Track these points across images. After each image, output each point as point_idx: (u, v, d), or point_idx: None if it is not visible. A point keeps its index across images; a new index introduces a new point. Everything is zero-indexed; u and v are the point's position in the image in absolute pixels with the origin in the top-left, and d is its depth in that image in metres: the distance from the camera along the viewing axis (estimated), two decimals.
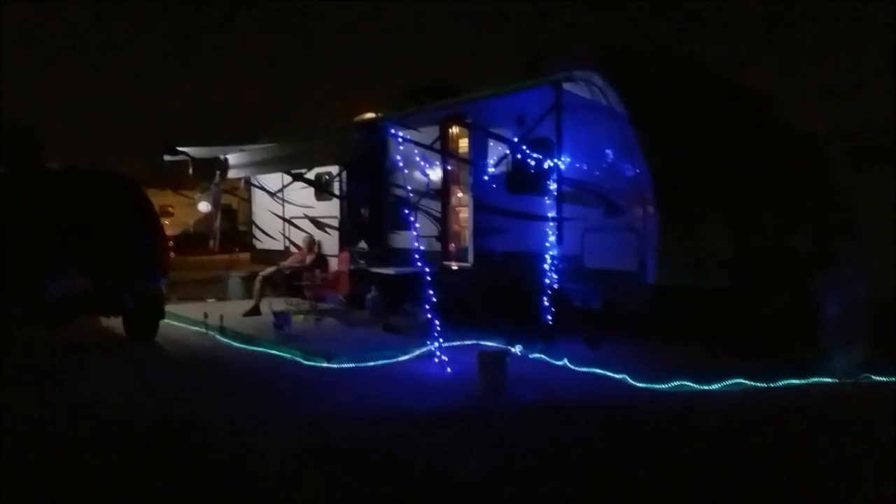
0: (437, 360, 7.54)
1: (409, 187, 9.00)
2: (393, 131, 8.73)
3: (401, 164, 9.42)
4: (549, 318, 8.29)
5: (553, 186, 8.52)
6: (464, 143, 10.39)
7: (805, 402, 6.34)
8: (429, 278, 7.83)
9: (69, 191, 8.93)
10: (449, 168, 10.46)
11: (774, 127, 8.90)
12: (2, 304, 8.00)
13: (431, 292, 7.78)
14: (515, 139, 8.74)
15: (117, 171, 10.18)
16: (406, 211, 8.52)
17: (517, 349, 8.00)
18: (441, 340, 7.65)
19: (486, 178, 9.25)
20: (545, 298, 8.31)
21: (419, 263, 7.90)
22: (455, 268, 10.09)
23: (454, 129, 10.37)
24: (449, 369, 7.37)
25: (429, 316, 7.76)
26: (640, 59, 9.03)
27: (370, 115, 12.37)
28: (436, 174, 10.41)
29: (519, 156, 8.68)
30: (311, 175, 11.72)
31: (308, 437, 5.46)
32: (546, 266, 8.38)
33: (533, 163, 8.52)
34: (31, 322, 8.44)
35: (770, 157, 8.41)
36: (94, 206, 8.79)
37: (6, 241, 8.18)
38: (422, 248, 8.10)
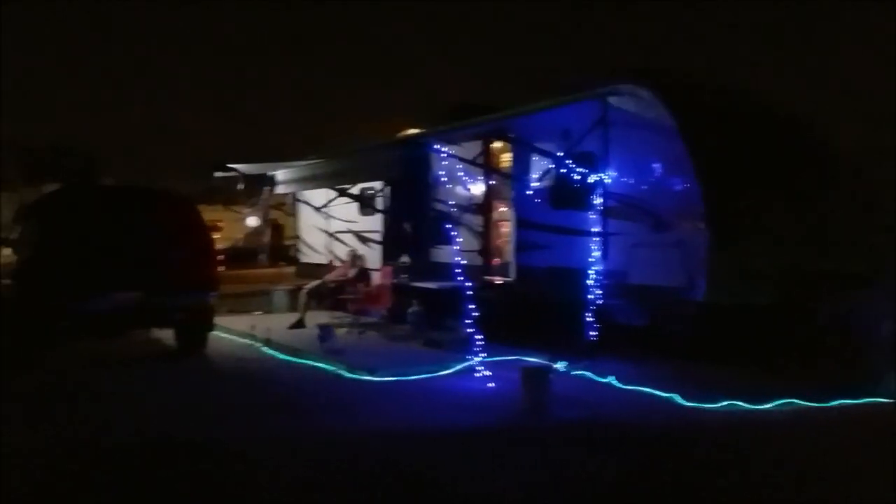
0: (478, 374, 7.52)
1: (452, 202, 9.03)
2: (436, 147, 8.79)
3: (443, 179, 9.47)
4: (593, 334, 8.19)
5: (597, 201, 8.45)
6: (506, 158, 10.39)
7: (859, 422, 6.12)
8: (470, 293, 7.83)
9: (122, 207, 9.22)
10: (491, 183, 10.47)
11: (822, 146, 8.68)
12: (58, 317, 8.27)
13: (473, 307, 7.77)
14: (559, 154, 8.71)
15: (169, 188, 10.48)
16: (448, 226, 8.55)
17: (560, 365, 7.92)
18: (482, 355, 7.63)
19: (528, 192, 9.23)
20: (588, 314, 8.21)
21: (461, 278, 7.91)
22: (497, 283, 10.07)
23: (496, 144, 10.39)
24: (491, 384, 7.33)
25: (470, 331, 7.75)
26: (685, 76, 8.95)
27: (413, 131, 12.48)
28: (478, 189, 10.43)
29: (563, 170, 8.64)
30: (354, 190, 11.87)
31: (349, 452, 5.46)
32: (589, 282, 8.29)
33: (577, 177, 8.47)
34: (81, 335, 8.70)
35: (819, 175, 8.20)
36: (147, 222, 9.04)
37: (62, 256, 8.47)
38: (463, 262, 8.11)
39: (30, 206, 10.67)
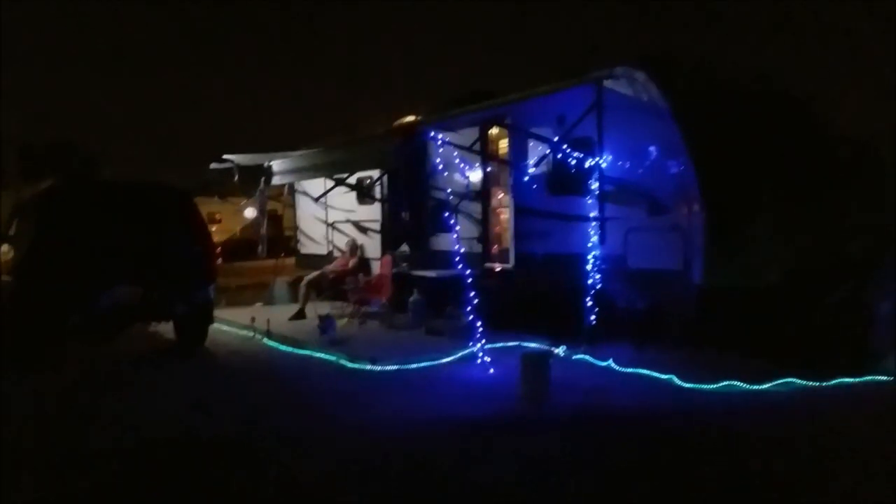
0: (479, 362, 7.56)
1: (450, 190, 9.02)
2: (433, 134, 8.78)
3: (441, 166, 9.44)
4: (593, 318, 8.22)
5: (594, 186, 8.45)
6: (504, 145, 10.37)
7: (857, 400, 6.18)
8: (470, 281, 7.85)
9: (119, 202, 9.17)
10: (489, 170, 10.46)
11: (827, 129, 8.64)
12: (58, 313, 8.26)
13: (473, 295, 7.80)
14: (556, 139, 8.70)
15: (166, 181, 10.44)
16: (447, 213, 8.56)
17: (560, 350, 7.96)
18: (483, 342, 7.66)
19: (526, 179, 9.23)
20: (588, 299, 8.24)
21: (460, 266, 7.93)
22: (496, 270, 10.08)
23: (494, 131, 10.37)
24: (492, 371, 7.37)
25: (471, 318, 7.77)
26: (681, 60, 8.89)
27: (410, 117, 12.45)
28: (476, 176, 10.43)
29: (559, 156, 8.64)
30: (352, 179, 11.85)
31: (351, 445, 5.48)
32: (588, 267, 8.31)
33: (574, 163, 8.47)
34: (84, 332, 8.69)
35: (823, 159, 8.18)
36: (144, 217, 9.01)
37: (59, 252, 8.45)
38: (463, 250, 8.12)
39: (26, 202, 10.64)
